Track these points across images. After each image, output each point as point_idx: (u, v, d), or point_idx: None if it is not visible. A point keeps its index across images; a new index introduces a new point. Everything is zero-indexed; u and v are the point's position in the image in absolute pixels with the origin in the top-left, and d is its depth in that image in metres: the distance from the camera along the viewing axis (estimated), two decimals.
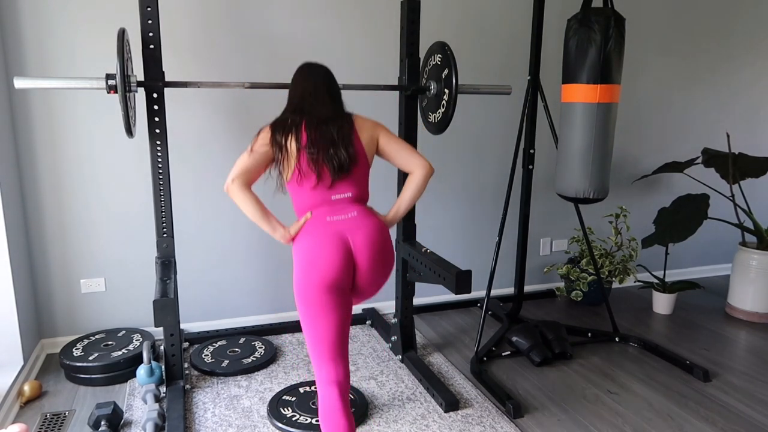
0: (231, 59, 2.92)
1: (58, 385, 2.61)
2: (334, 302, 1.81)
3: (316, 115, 1.90)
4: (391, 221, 2.03)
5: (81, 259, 2.90)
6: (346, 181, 1.89)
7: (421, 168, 1.98)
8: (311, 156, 1.84)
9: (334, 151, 1.86)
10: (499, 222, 3.00)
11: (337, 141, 1.87)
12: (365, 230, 1.86)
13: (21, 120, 2.70)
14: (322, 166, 1.85)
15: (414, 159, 2.00)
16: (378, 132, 1.99)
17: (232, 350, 2.88)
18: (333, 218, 1.86)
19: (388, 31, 3.10)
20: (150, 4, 2.26)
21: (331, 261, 1.79)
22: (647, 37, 3.71)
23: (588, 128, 2.63)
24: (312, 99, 1.93)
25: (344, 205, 1.89)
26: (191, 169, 2.97)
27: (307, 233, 1.86)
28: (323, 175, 1.86)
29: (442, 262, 2.40)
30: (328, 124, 1.88)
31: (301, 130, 1.87)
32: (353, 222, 1.86)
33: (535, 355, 2.81)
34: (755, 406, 2.50)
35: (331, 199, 1.88)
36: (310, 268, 1.80)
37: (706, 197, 3.35)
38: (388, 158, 2.02)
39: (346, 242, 1.82)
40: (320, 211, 1.87)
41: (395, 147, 2.00)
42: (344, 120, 1.92)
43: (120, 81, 2.04)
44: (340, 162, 1.85)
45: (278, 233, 1.90)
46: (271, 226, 1.90)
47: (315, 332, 1.82)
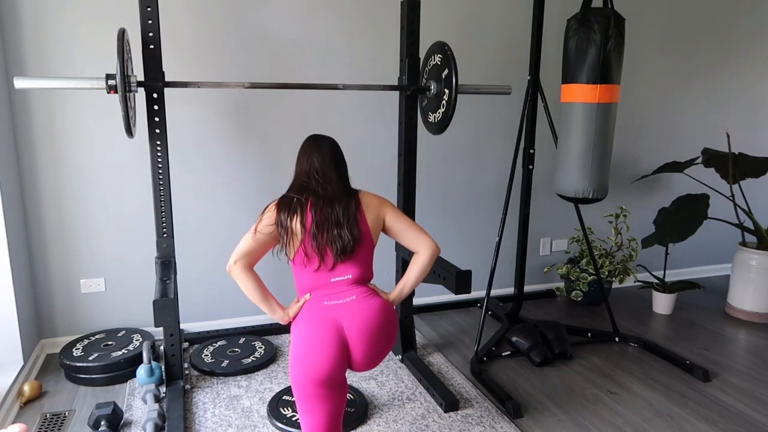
0: (231, 59, 2.92)
1: (58, 385, 2.61)
2: (327, 395, 1.81)
3: (322, 195, 1.86)
4: (395, 300, 1.99)
5: (81, 259, 2.90)
6: (349, 263, 1.85)
7: (428, 249, 1.94)
8: (314, 239, 1.81)
9: (338, 232, 1.82)
10: (499, 222, 3.00)
11: (342, 222, 1.83)
12: (363, 315, 1.80)
13: (21, 120, 2.70)
14: (325, 249, 1.82)
15: (420, 239, 1.95)
16: (384, 211, 1.95)
17: (232, 350, 2.88)
18: (330, 303, 1.82)
19: (388, 31, 3.10)
20: (150, 4, 2.26)
21: (325, 356, 1.76)
22: (647, 37, 3.71)
23: (588, 128, 2.63)
24: (318, 176, 1.89)
25: (343, 288, 1.85)
26: (191, 169, 2.97)
27: (303, 319, 1.84)
28: (326, 258, 1.83)
29: (442, 262, 2.40)
30: (333, 205, 1.85)
31: (306, 211, 1.84)
32: (351, 307, 1.81)
33: (535, 355, 2.81)
34: (755, 406, 2.50)
35: (329, 282, 1.85)
36: (304, 361, 1.78)
37: (706, 197, 3.35)
38: (394, 237, 1.98)
39: (341, 331, 1.78)
40: (318, 294, 1.85)
41: (402, 226, 1.96)
42: (351, 199, 1.88)
43: (120, 81, 2.04)
44: (343, 245, 1.82)
45: (277, 315, 1.89)
46: (271, 308, 1.88)
47: (308, 420, 1.85)
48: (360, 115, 3.20)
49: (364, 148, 3.25)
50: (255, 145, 3.06)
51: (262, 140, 3.07)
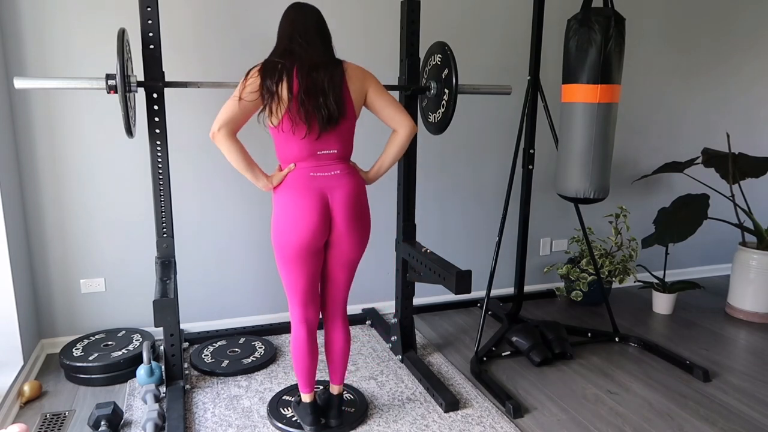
0: (231, 59, 2.92)
1: (58, 385, 2.61)
2: (307, 259, 1.98)
3: (308, 60, 1.87)
4: (373, 178, 2.10)
5: (81, 259, 2.90)
6: (333, 135, 1.91)
7: (405, 127, 2.01)
8: (302, 105, 1.83)
9: (323, 100, 1.85)
10: (499, 222, 3.00)
11: (327, 91, 1.85)
12: (345, 189, 1.93)
13: (21, 120, 2.70)
14: (312, 117, 1.85)
15: (399, 117, 2.01)
16: (368, 84, 1.99)
17: (232, 350, 2.88)
18: (317, 174, 1.91)
19: (388, 31, 3.10)
20: (150, 4, 2.26)
21: (309, 221, 1.88)
22: (647, 37, 3.71)
23: (588, 128, 2.63)
24: (303, 41, 1.89)
25: (329, 162, 1.93)
26: (191, 169, 2.97)
27: (289, 186, 1.92)
28: (312, 126, 1.86)
29: (442, 262, 2.40)
30: (319, 71, 1.87)
31: (293, 77, 1.84)
32: (335, 180, 1.93)
33: (535, 355, 2.81)
34: (755, 406, 2.50)
35: (316, 154, 1.91)
36: (289, 227, 1.90)
37: (706, 197, 3.35)
38: (374, 111, 2.04)
39: (325, 200, 1.90)
40: (305, 165, 1.92)
41: (383, 102, 2.01)
42: (336, 67, 1.91)
43: (120, 81, 2.04)
44: (329, 113, 1.86)
45: (261, 182, 1.95)
46: (255, 175, 1.94)
47: (289, 281, 2.04)
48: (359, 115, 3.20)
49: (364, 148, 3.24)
50: (255, 144, 3.04)
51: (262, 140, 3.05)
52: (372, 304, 3.44)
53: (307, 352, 2.13)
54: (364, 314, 3.34)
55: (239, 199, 3.07)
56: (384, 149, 2.08)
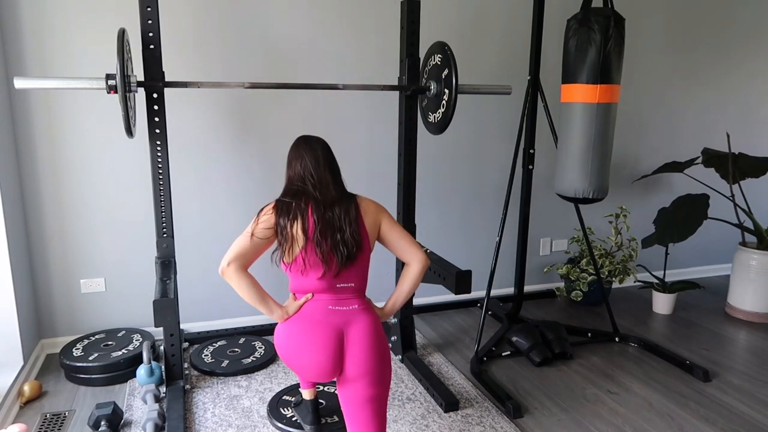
0: (231, 59, 2.92)
1: (58, 385, 2.61)
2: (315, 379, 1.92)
3: (322, 199, 1.83)
4: (388, 313, 2.00)
5: (81, 259, 2.90)
6: (351, 269, 1.84)
7: (418, 262, 1.93)
8: (318, 245, 1.78)
9: (341, 237, 1.80)
10: (499, 222, 3.00)
11: (344, 227, 1.81)
12: (362, 324, 1.83)
13: (21, 120, 2.70)
14: (330, 256, 1.79)
15: (412, 251, 1.94)
16: (381, 217, 1.93)
17: (232, 350, 2.88)
18: (335, 308, 1.82)
19: (388, 31, 3.10)
20: (150, 4, 2.26)
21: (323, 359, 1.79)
22: (647, 37, 3.71)
23: (588, 128, 2.63)
24: (314, 180, 1.86)
25: (348, 296, 1.86)
26: (191, 169, 2.97)
27: (305, 318, 1.83)
28: (331, 265, 1.80)
29: (442, 262, 2.40)
30: (334, 209, 1.83)
31: (308, 216, 1.80)
32: (352, 315, 1.83)
33: (535, 355, 2.81)
34: (755, 406, 2.50)
35: (336, 287, 1.84)
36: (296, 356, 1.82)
37: (706, 197, 3.35)
38: (387, 245, 1.97)
39: (341, 336, 1.80)
40: (323, 297, 1.84)
41: (396, 236, 1.94)
42: (350, 203, 1.86)
43: (120, 81, 2.04)
44: (348, 251, 1.81)
45: (276, 314, 1.86)
46: (269, 308, 1.85)
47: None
48: (360, 115, 3.20)
49: (364, 148, 3.26)
50: (255, 144, 3.06)
51: (262, 140, 3.07)
52: None
53: None
54: None
55: (239, 199, 3.07)
56: (398, 283, 1.99)
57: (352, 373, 1.82)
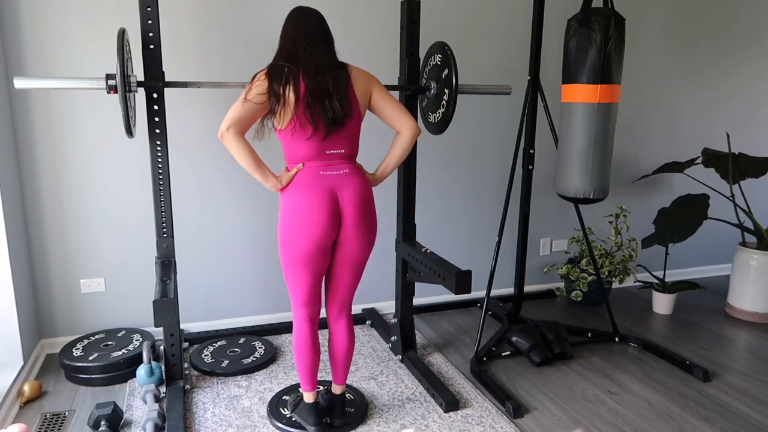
0: (231, 59, 2.92)
1: (58, 385, 2.61)
2: (315, 259, 1.99)
3: (313, 64, 1.90)
4: (379, 179, 2.13)
5: (81, 259, 2.90)
6: (340, 136, 1.94)
7: (408, 129, 2.04)
8: (309, 107, 1.86)
9: (329, 102, 1.88)
10: (499, 222, 3.00)
11: (332, 92, 1.89)
12: (354, 186, 1.96)
13: (21, 120, 2.70)
14: (318, 118, 1.87)
15: (402, 119, 2.04)
16: (372, 86, 2.01)
17: (232, 350, 2.88)
18: (326, 173, 1.93)
19: (388, 31, 3.10)
20: (150, 4, 2.26)
21: (319, 219, 1.90)
22: (647, 37, 3.71)
23: (588, 128, 2.63)
24: (306, 45, 1.92)
25: (337, 161, 1.96)
26: (191, 169, 2.97)
27: (298, 185, 1.93)
28: (319, 127, 1.88)
29: (442, 262, 2.40)
30: (324, 74, 1.89)
31: (299, 80, 1.87)
32: (344, 178, 1.95)
33: (535, 355, 2.81)
34: (755, 406, 2.50)
35: (325, 153, 1.93)
36: (298, 225, 1.92)
37: (706, 197, 3.35)
38: (378, 114, 2.07)
39: (335, 197, 1.92)
40: (313, 164, 1.94)
41: (386, 103, 2.03)
42: (341, 70, 1.94)
43: (120, 81, 2.04)
44: (335, 114, 1.88)
45: (270, 182, 1.96)
46: (264, 175, 1.95)
47: (294, 281, 2.04)
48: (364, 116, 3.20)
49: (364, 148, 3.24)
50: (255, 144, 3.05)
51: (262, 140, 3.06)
52: (372, 304, 3.44)
53: (310, 349, 2.14)
54: (364, 314, 3.34)
55: (239, 199, 3.07)
56: (388, 151, 2.10)
57: (346, 233, 1.97)
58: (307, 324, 2.12)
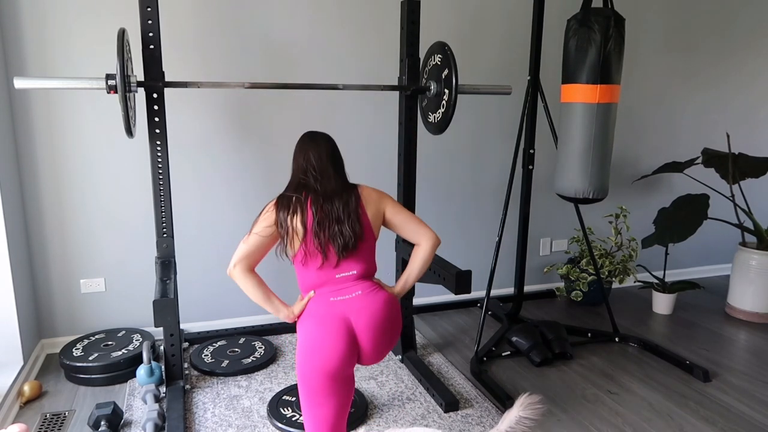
0: (231, 59, 2.92)
1: (58, 385, 2.61)
2: (335, 389, 1.83)
3: (322, 191, 1.85)
4: (400, 293, 2.00)
5: (81, 259, 2.90)
6: (352, 258, 1.85)
7: (428, 240, 1.95)
8: (316, 236, 1.80)
9: (339, 229, 1.81)
10: (499, 222, 3.00)
11: (343, 219, 1.82)
12: (370, 310, 1.82)
13: (21, 120, 2.70)
14: (327, 246, 1.81)
15: (421, 231, 1.96)
16: (384, 204, 1.94)
17: (232, 350, 2.88)
18: (336, 298, 1.82)
19: (388, 31, 3.10)
20: (150, 4, 2.26)
21: (334, 349, 1.77)
22: (647, 37, 3.71)
23: (588, 128, 2.63)
24: (316, 173, 1.88)
25: (349, 284, 1.85)
26: (191, 169, 2.97)
27: (310, 315, 1.84)
28: (329, 255, 1.82)
29: (442, 262, 2.40)
30: (333, 201, 1.84)
31: (307, 209, 1.82)
32: (357, 302, 1.82)
33: (535, 355, 2.81)
34: (755, 406, 2.50)
35: (335, 278, 1.84)
36: (313, 356, 1.79)
37: (706, 197, 3.35)
38: (395, 230, 1.99)
39: (349, 325, 1.80)
40: (324, 291, 1.84)
41: (402, 219, 1.96)
42: (350, 194, 1.87)
43: (120, 81, 2.04)
44: (345, 241, 1.81)
45: (282, 314, 1.87)
46: (275, 307, 1.87)
47: (314, 416, 1.86)
48: (360, 115, 3.20)
49: (365, 148, 3.26)
50: (255, 144, 3.06)
51: (263, 140, 3.07)
52: None
53: None
54: None
55: (239, 199, 3.07)
56: (410, 262, 2.00)
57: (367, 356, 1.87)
58: None
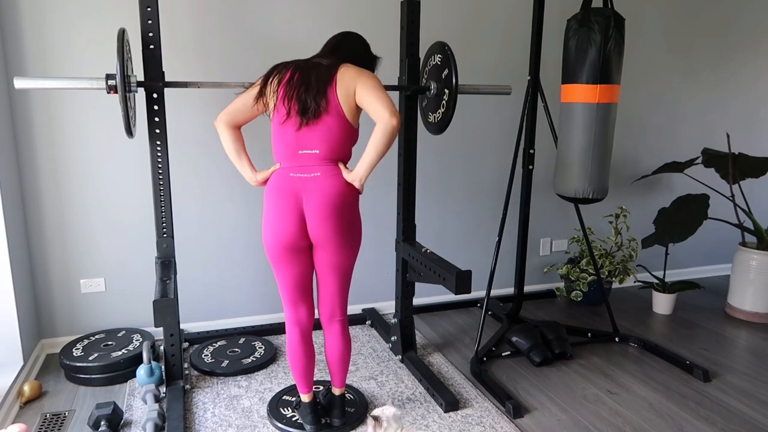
0: (231, 59, 2.92)
1: (58, 385, 2.61)
2: (290, 259, 2.00)
3: (306, 60, 1.99)
4: (356, 177, 1.92)
5: (81, 259, 2.90)
6: (314, 133, 1.91)
7: (382, 120, 1.81)
8: (287, 92, 1.90)
9: (304, 91, 1.89)
10: (499, 222, 3.00)
11: (312, 86, 1.90)
12: (322, 192, 1.91)
13: (21, 120, 2.70)
14: (292, 103, 1.90)
15: (378, 110, 1.82)
16: (356, 83, 1.88)
17: (232, 350, 2.88)
18: (295, 174, 1.92)
19: (388, 31, 3.10)
20: (150, 4, 2.26)
21: (285, 225, 1.91)
22: (647, 37, 3.71)
23: (588, 128, 2.63)
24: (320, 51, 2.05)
25: (310, 163, 1.93)
26: (191, 169, 2.97)
27: (271, 186, 1.96)
28: (292, 113, 1.90)
29: (442, 262, 2.40)
30: (312, 68, 1.94)
31: (287, 71, 1.96)
32: (313, 182, 1.91)
33: (535, 355, 2.81)
34: (755, 406, 2.50)
35: (297, 153, 1.93)
36: (268, 229, 1.97)
37: (706, 197, 3.35)
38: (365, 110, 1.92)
39: (299, 202, 1.91)
40: (286, 165, 1.95)
41: (366, 97, 1.86)
42: (329, 69, 1.94)
43: (120, 81, 2.04)
44: (305, 106, 1.89)
45: (246, 174, 2.01)
46: (242, 166, 2.01)
47: (279, 280, 2.07)
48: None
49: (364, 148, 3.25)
50: (255, 145, 3.05)
51: (262, 140, 3.06)
52: (372, 304, 3.44)
53: (302, 353, 2.15)
54: (364, 314, 3.34)
55: (239, 199, 3.07)
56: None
57: (314, 239, 1.95)
58: (296, 328, 2.13)
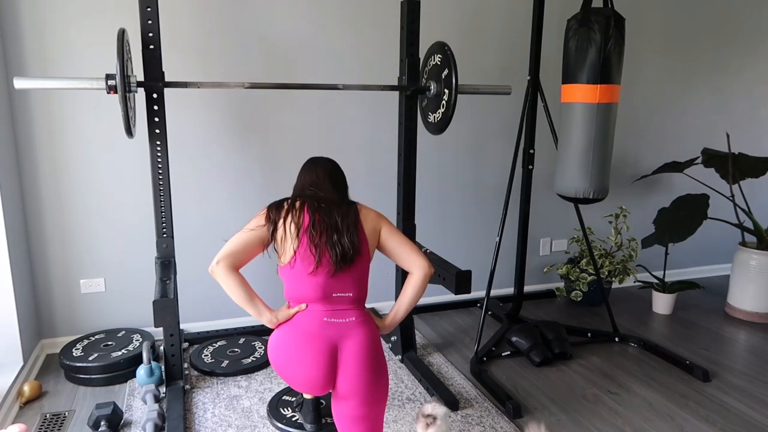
0: (231, 59, 2.92)
1: (58, 386, 2.61)
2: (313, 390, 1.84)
3: (318, 199, 1.82)
4: (389, 326, 1.95)
5: (81, 259, 2.90)
6: (348, 276, 1.78)
7: (420, 269, 1.87)
8: (312, 239, 1.74)
9: (338, 237, 1.75)
10: (499, 222, 3.00)
11: (341, 229, 1.77)
12: (359, 338, 1.77)
13: (21, 120, 2.70)
14: (323, 252, 1.74)
15: (413, 258, 1.88)
16: (381, 224, 1.89)
17: (232, 350, 2.88)
18: (331, 320, 1.77)
19: (388, 31, 3.10)
20: (150, 4, 2.26)
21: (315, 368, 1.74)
22: (647, 37, 3.71)
23: (588, 128, 2.62)
24: (314, 188, 1.87)
25: (345, 307, 1.79)
26: (191, 169, 2.97)
27: (298, 331, 1.78)
28: (323, 262, 1.75)
29: (442, 262, 2.40)
30: (332, 210, 1.79)
31: (303, 213, 1.78)
32: (349, 328, 1.77)
33: (535, 355, 2.81)
34: (755, 406, 2.50)
35: (331, 296, 1.77)
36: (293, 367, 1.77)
37: (705, 197, 3.35)
38: (388, 253, 1.92)
39: (335, 350, 1.75)
40: (317, 308, 1.78)
41: (396, 242, 1.89)
42: (349, 208, 1.84)
43: (120, 81, 2.04)
44: (343, 251, 1.75)
45: (264, 318, 1.83)
46: (257, 310, 1.82)
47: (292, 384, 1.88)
48: (360, 116, 3.20)
49: (365, 148, 3.25)
50: (255, 144, 3.06)
51: (262, 140, 3.07)
52: (372, 304, 3.44)
53: None
54: None
55: (239, 199, 3.07)
56: (400, 294, 1.93)
57: (344, 390, 1.78)
58: None
